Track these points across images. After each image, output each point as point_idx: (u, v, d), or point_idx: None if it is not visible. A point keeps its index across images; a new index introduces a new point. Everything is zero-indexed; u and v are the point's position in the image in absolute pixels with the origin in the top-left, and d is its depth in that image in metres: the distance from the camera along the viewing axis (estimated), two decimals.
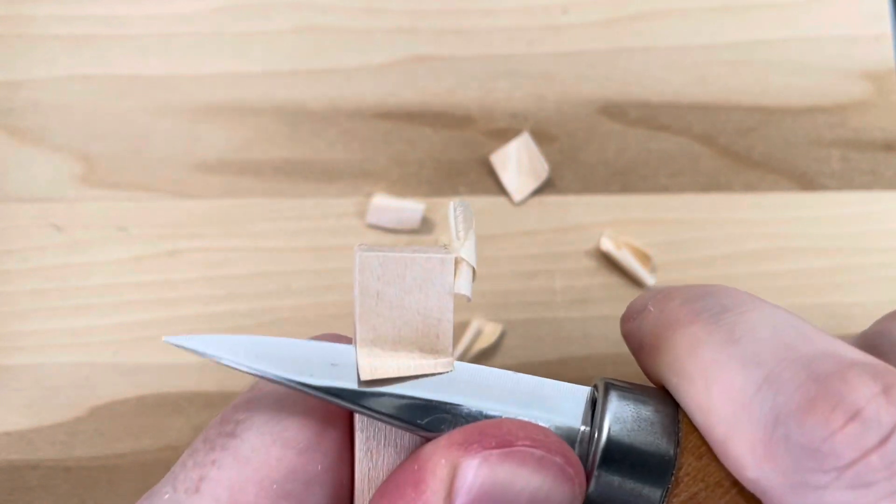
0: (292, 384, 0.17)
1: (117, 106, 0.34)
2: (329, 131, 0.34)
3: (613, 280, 0.34)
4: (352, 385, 0.17)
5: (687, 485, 0.18)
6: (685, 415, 0.18)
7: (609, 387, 0.19)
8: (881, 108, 0.36)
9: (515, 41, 0.35)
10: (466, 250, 0.18)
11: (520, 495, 0.17)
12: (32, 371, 0.32)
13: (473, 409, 0.18)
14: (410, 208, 0.33)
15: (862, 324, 0.34)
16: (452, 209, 0.19)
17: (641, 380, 0.21)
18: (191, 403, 0.32)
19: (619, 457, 0.18)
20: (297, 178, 0.34)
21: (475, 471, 0.16)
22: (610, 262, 0.34)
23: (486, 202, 0.34)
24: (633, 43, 0.36)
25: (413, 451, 0.18)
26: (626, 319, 0.21)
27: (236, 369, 0.17)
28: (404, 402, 0.18)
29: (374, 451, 0.18)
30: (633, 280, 0.33)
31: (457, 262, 0.18)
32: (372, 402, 0.18)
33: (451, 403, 0.18)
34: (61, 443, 0.31)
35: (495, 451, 0.16)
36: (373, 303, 0.18)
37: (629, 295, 0.33)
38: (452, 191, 0.34)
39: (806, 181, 0.35)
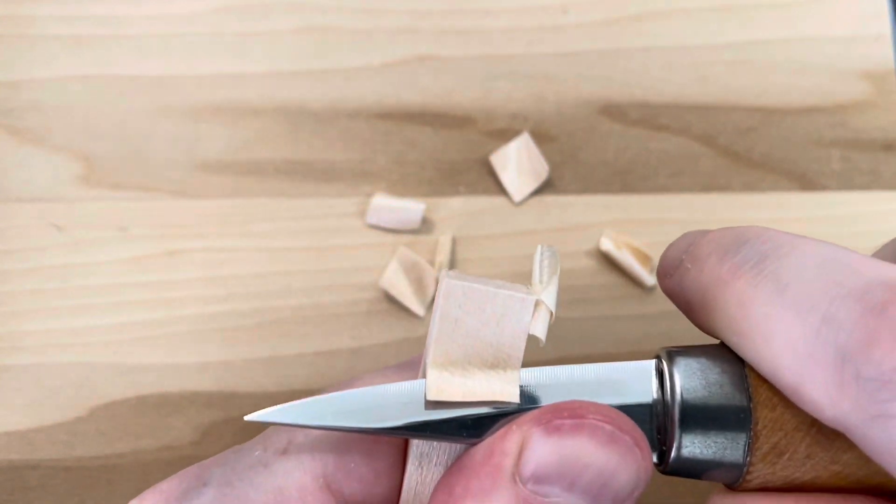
0: (373, 431, 0.18)
1: (118, 106, 0.34)
2: (329, 131, 0.34)
3: (613, 280, 0.34)
4: (423, 417, 0.18)
5: (767, 436, 0.18)
6: (751, 369, 0.18)
7: (672, 354, 0.19)
8: (881, 108, 0.36)
9: (515, 41, 0.35)
10: (548, 295, 0.19)
11: (587, 468, 0.17)
12: (32, 371, 0.32)
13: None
14: (410, 208, 0.33)
15: None
16: (539, 253, 0.20)
17: None
18: (191, 403, 0.32)
19: (696, 419, 0.18)
20: (297, 178, 0.34)
21: (545, 440, 0.17)
22: (610, 262, 0.34)
23: (486, 202, 0.34)
24: (633, 43, 0.36)
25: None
26: (662, 275, 0.22)
27: (320, 428, 0.18)
28: (473, 418, 0.18)
29: (424, 467, 0.19)
30: (633, 280, 0.33)
31: (536, 304, 0.19)
32: (445, 428, 0.18)
33: (523, 409, 0.18)
34: (61, 443, 0.31)
35: (567, 422, 0.17)
36: (450, 328, 0.18)
37: (629, 295, 0.33)
38: (452, 191, 0.34)
39: (806, 181, 0.35)
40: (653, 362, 0.19)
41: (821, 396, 0.17)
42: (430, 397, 0.18)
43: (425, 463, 0.19)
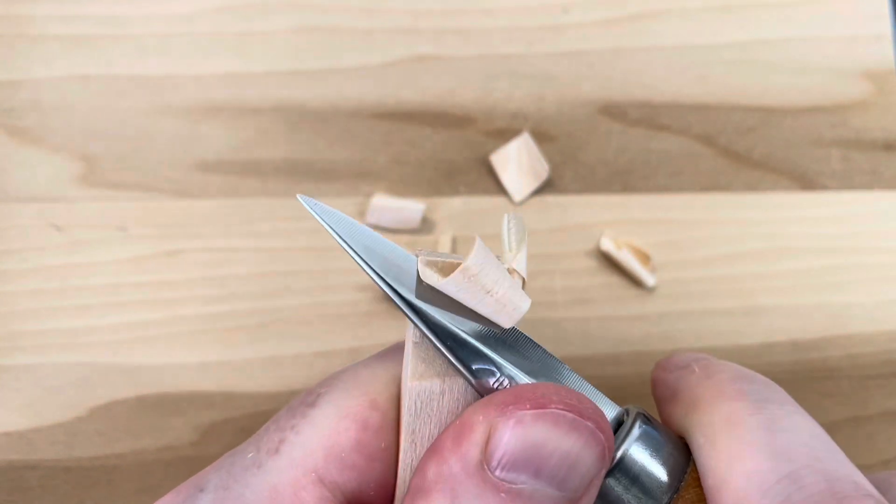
0: (380, 281, 0.19)
1: (117, 106, 0.34)
2: (329, 131, 0.34)
3: (613, 280, 0.33)
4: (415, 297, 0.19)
5: None
6: (695, 469, 0.20)
7: (640, 416, 0.20)
8: (881, 108, 0.36)
9: (515, 41, 0.35)
10: (518, 262, 0.20)
11: (551, 455, 0.18)
12: (32, 371, 0.32)
13: (520, 379, 0.19)
14: (410, 208, 0.33)
15: (862, 324, 0.34)
16: (506, 222, 0.21)
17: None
18: (191, 403, 0.32)
19: (625, 475, 0.19)
20: (297, 178, 0.34)
21: (510, 431, 0.18)
22: (610, 262, 0.34)
23: (486, 202, 0.34)
24: (633, 43, 0.36)
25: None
26: (663, 369, 0.23)
27: (341, 245, 0.19)
28: (463, 338, 0.19)
29: (418, 444, 0.20)
30: (633, 280, 0.33)
31: (509, 272, 0.19)
32: (433, 320, 0.19)
33: (503, 364, 0.19)
34: (61, 443, 0.31)
35: (529, 412, 0.18)
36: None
37: (629, 295, 0.33)
38: (452, 191, 0.34)
39: (806, 181, 0.35)
40: (619, 409, 0.21)
41: None
42: (424, 279, 0.19)
43: (418, 440, 0.19)
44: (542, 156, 0.34)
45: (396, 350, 0.22)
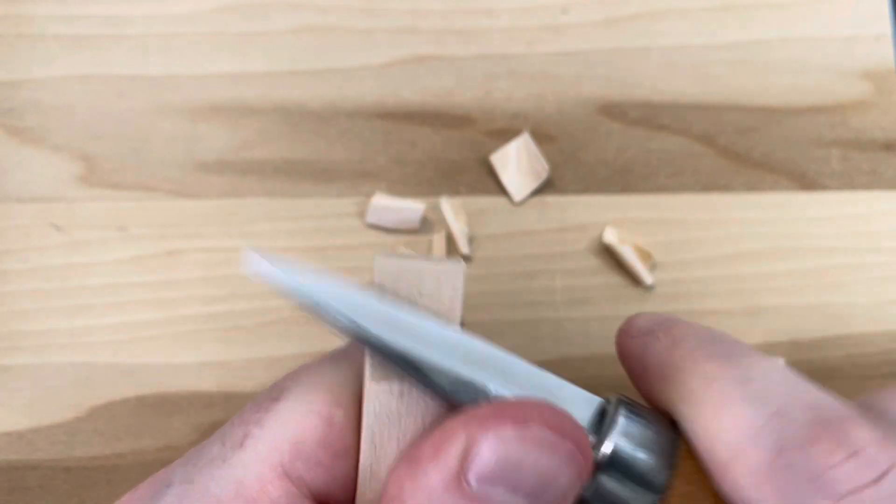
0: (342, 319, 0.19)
1: (117, 106, 0.34)
2: (329, 131, 0.34)
3: (614, 280, 0.34)
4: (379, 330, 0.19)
5: None
6: (685, 443, 0.20)
7: (621, 403, 0.20)
8: (881, 108, 0.36)
9: (515, 41, 0.35)
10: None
11: (529, 474, 0.18)
12: (32, 371, 0.32)
13: (500, 392, 0.19)
14: (410, 208, 0.33)
15: (862, 324, 0.34)
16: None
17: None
18: (191, 403, 0.32)
19: (618, 468, 0.19)
20: (297, 178, 0.34)
21: (489, 446, 0.17)
22: (611, 262, 0.34)
23: (486, 202, 0.34)
24: (633, 43, 0.36)
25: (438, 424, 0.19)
26: (627, 334, 0.23)
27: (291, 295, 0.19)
28: (438, 368, 0.19)
29: (377, 445, 0.19)
30: (633, 280, 0.33)
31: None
32: (389, 351, 0.19)
33: (478, 382, 0.19)
34: (61, 443, 0.31)
35: (510, 429, 0.18)
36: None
37: (629, 295, 0.33)
38: (452, 191, 0.34)
39: (806, 181, 0.35)
40: (600, 400, 0.20)
41: (746, 476, 0.18)
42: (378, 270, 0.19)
43: (378, 441, 0.19)
44: (542, 156, 0.34)
45: (350, 351, 0.22)
